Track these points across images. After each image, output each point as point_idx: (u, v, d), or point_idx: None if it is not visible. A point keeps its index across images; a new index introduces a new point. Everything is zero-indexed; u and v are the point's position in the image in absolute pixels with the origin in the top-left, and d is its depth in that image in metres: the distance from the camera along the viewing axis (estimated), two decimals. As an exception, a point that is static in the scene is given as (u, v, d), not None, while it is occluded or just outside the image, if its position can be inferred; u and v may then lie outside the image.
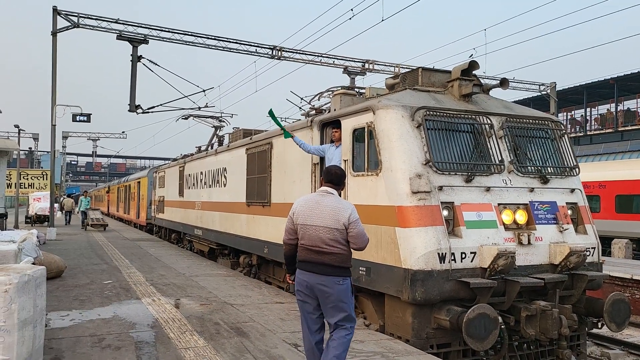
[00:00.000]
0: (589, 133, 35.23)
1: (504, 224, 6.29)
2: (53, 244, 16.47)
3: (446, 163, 6.28)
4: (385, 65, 24.34)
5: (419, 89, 7.15)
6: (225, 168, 12.80)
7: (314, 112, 9.05)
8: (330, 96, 8.78)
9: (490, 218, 6.22)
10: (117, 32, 19.01)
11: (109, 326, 6.25)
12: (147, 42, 19.29)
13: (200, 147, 17.68)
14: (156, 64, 18.90)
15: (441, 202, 6.01)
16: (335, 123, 7.60)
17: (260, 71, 22.45)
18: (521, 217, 6.44)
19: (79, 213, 27.21)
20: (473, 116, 6.72)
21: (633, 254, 16.17)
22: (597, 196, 17.88)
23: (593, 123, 35.92)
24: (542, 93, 28.85)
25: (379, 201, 6.33)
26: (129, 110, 19.20)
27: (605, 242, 15.93)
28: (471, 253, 5.94)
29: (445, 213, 6.01)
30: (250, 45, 21.63)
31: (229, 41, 21.34)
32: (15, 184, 29.24)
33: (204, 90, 19.89)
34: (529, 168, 6.87)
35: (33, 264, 6.02)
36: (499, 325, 5.51)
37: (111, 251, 15.16)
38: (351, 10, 18.32)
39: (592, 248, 6.84)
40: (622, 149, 30.82)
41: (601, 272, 6.89)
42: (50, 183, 22.63)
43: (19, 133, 31.13)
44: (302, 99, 11.04)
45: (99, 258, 13.32)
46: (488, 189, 6.36)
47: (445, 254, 5.79)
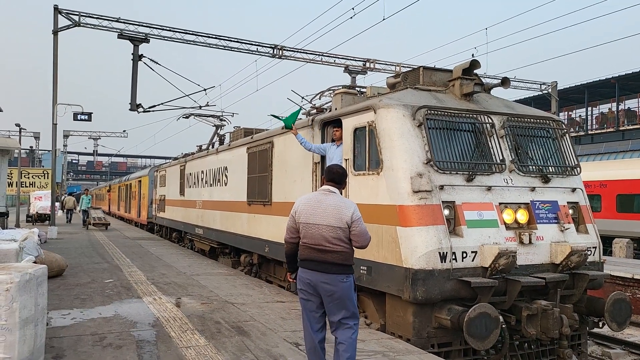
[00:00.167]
0: (590, 132, 35.20)
1: (505, 223, 6.28)
2: (54, 243, 16.49)
3: (447, 162, 6.27)
4: (386, 64, 24.32)
5: (420, 88, 7.14)
6: (226, 167, 12.80)
7: (315, 111, 9.05)
8: (331, 95, 8.78)
9: (491, 217, 6.22)
10: (118, 31, 19.01)
11: (110, 325, 6.26)
12: (148, 41, 19.28)
13: (201, 146, 17.69)
14: (157, 63, 18.89)
15: (442, 202, 6.01)
16: (336, 122, 7.60)
17: (261, 70, 22.40)
18: (522, 217, 6.43)
19: (80, 212, 27.24)
20: (474, 115, 6.72)
21: (634, 253, 16.16)
22: (598, 195, 17.86)
23: (593, 123, 35.84)
24: (544, 92, 28.81)
25: (380, 200, 6.33)
26: (130, 109, 19.19)
27: (606, 242, 15.90)
28: (472, 252, 5.93)
29: (446, 212, 6.01)
30: (251, 44, 21.63)
31: (230, 40, 21.33)
32: (16, 182, 29.28)
33: (205, 89, 19.89)
34: (530, 167, 6.86)
35: (34, 262, 6.03)
36: (500, 324, 5.51)
37: (112, 250, 15.17)
38: (352, 9, 18.31)
39: (593, 247, 6.84)
40: (623, 148, 30.79)
41: (602, 272, 6.89)
42: (51, 182, 22.65)
43: (20, 132, 31.17)
44: (303, 98, 11.03)
45: (100, 257, 13.33)
46: (489, 188, 6.36)
47: (447, 253, 5.78)
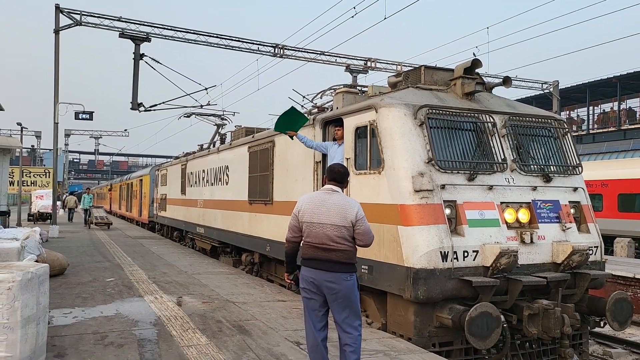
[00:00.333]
0: (591, 132, 35.15)
1: (506, 223, 6.28)
2: (55, 242, 16.51)
3: (449, 161, 6.27)
4: (387, 63, 24.31)
5: (421, 87, 7.13)
6: (227, 166, 12.80)
7: (316, 111, 9.05)
8: (333, 94, 8.78)
9: (492, 217, 6.21)
10: (120, 30, 19.01)
11: (111, 324, 6.27)
12: (150, 40, 19.29)
13: (202, 145, 17.69)
14: (158, 62, 18.90)
15: (444, 201, 6.01)
16: (337, 121, 7.60)
17: (262, 69, 22.42)
18: (524, 216, 6.42)
19: (82, 210, 27.24)
20: (476, 114, 6.71)
21: (635, 252, 16.14)
22: (600, 195, 17.84)
23: (594, 123, 35.77)
24: (545, 91, 28.79)
25: (382, 199, 6.32)
26: (131, 108, 19.20)
27: (608, 241, 15.89)
28: (473, 252, 5.93)
29: (447, 211, 6.00)
30: (253, 44, 21.63)
31: (232, 39, 21.34)
32: (17, 181, 29.32)
33: (206, 89, 19.89)
34: (532, 167, 6.85)
35: (36, 261, 6.03)
36: (501, 323, 5.51)
37: (113, 249, 15.19)
38: (354, 8, 18.31)
39: (595, 247, 6.83)
40: (625, 147, 30.73)
41: (604, 271, 6.89)
42: (52, 181, 22.68)
43: (21, 131, 31.23)
44: (304, 97, 11.03)
45: (101, 256, 13.34)
46: (491, 188, 6.35)
47: (448, 252, 5.78)
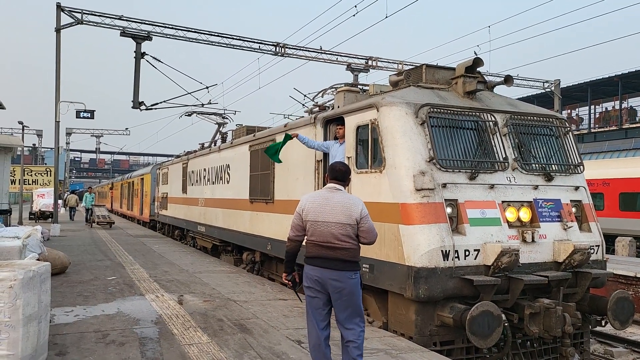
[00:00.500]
0: (593, 130, 35.11)
1: (507, 222, 6.27)
2: (57, 240, 16.53)
3: (450, 160, 6.26)
4: (388, 62, 24.30)
5: (422, 86, 7.13)
6: (228, 165, 12.81)
7: (317, 109, 9.05)
8: (334, 93, 8.78)
9: (494, 215, 6.21)
10: (121, 29, 19.02)
11: (113, 322, 6.27)
12: (151, 39, 19.29)
13: (203, 144, 17.70)
14: (160, 61, 18.91)
15: (445, 200, 6.00)
16: (339, 120, 7.59)
17: (263, 68, 22.42)
18: (525, 215, 6.42)
19: (83, 209, 27.24)
20: (477, 113, 6.70)
21: (637, 252, 16.13)
22: (601, 194, 17.82)
23: (594, 122, 35.69)
24: (546, 90, 28.76)
25: (383, 198, 6.32)
26: (133, 107, 19.22)
27: (609, 240, 15.88)
28: (475, 250, 5.93)
29: (449, 210, 6.00)
30: (254, 42, 21.63)
31: (233, 38, 21.33)
32: (19, 180, 29.38)
33: (207, 87, 19.90)
34: (533, 165, 6.85)
35: (37, 260, 6.04)
36: (502, 322, 5.51)
37: (115, 247, 15.20)
38: (355, 7, 18.30)
39: (596, 246, 6.82)
40: (626, 146, 30.71)
41: (605, 270, 6.88)
42: (54, 179, 22.70)
43: (23, 129, 31.26)
44: (306, 96, 11.04)
45: (102, 254, 13.36)
46: (492, 187, 6.35)
47: (449, 251, 5.78)
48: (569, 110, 37.88)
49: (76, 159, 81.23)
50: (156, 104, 19.80)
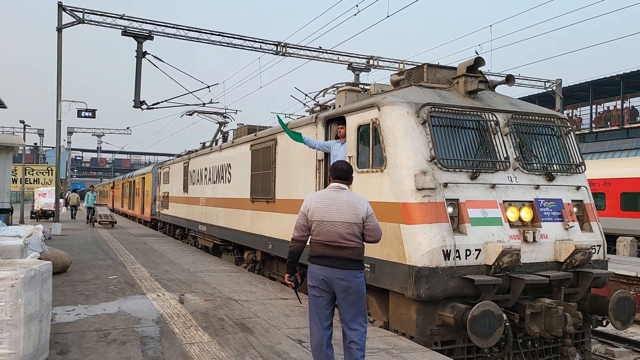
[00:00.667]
0: (594, 130, 35.07)
1: (509, 221, 6.27)
2: (58, 239, 16.55)
3: (451, 160, 6.26)
4: (390, 61, 24.28)
5: (424, 86, 7.12)
6: (229, 164, 12.81)
7: (318, 109, 9.05)
8: (335, 92, 8.78)
9: (495, 215, 6.20)
10: (122, 28, 19.03)
11: (114, 321, 6.28)
12: (152, 38, 19.30)
13: (204, 143, 17.70)
14: (161, 60, 18.92)
15: (446, 199, 6.00)
16: (340, 119, 7.59)
17: (264, 67, 22.41)
18: (526, 215, 6.41)
19: (85, 208, 27.25)
20: (478, 113, 6.70)
21: (638, 251, 16.11)
22: (603, 194, 17.81)
23: (594, 122, 35.61)
24: (548, 90, 28.73)
25: (384, 198, 6.32)
26: (134, 106, 19.23)
27: (611, 240, 15.88)
28: (476, 250, 5.93)
29: (450, 210, 5.99)
30: (255, 42, 21.63)
31: (234, 37, 21.33)
32: (20, 179, 29.41)
33: (208, 87, 19.91)
34: (535, 165, 6.84)
35: (39, 259, 6.05)
36: (503, 322, 5.51)
37: (116, 246, 15.22)
38: (356, 6, 18.29)
39: (598, 246, 6.82)
40: (628, 146, 30.68)
41: (606, 270, 6.87)
42: (55, 178, 22.72)
43: (24, 129, 31.26)
44: (307, 95, 11.04)
45: (104, 253, 13.37)
46: (493, 186, 6.34)
47: (450, 250, 5.78)
48: (570, 110, 37.83)
49: (77, 158, 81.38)
50: (157, 103, 19.81)
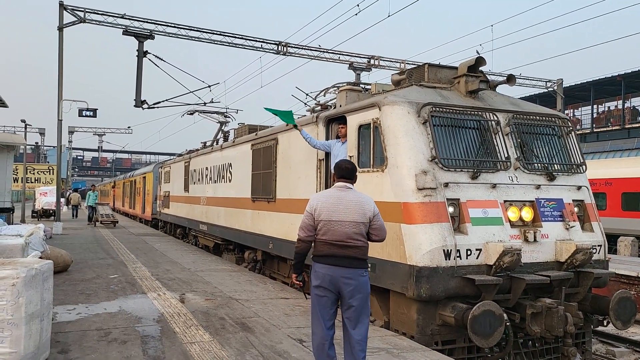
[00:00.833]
0: (595, 130, 35.04)
1: (509, 221, 6.27)
2: (59, 239, 16.57)
3: (452, 159, 6.25)
4: (390, 61, 24.27)
5: (425, 85, 7.12)
6: (230, 164, 12.81)
7: (319, 108, 9.04)
8: (336, 92, 8.77)
9: (496, 215, 6.20)
10: (123, 28, 19.04)
11: (115, 320, 6.29)
12: (153, 38, 19.31)
13: (205, 143, 17.69)
14: (162, 60, 18.91)
15: (447, 199, 6.00)
16: (340, 119, 7.59)
17: (265, 67, 22.51)
18: (527, 214, 6.41)
19: (87, 208, 27.27)
20: (479, 112, 6.70)
21: (639, 251, 16.09)
22: (604, 194, 17.79)
23: (593, 122, 35.56)
24: (549, 90, 28.70)
25: (385, 197, 6.32)
26: (135, 106, 19.23)
27: (611, 240, 15.86)
28: (477, 250, 5.93)
29: (450, 210, 5.99)
30: (256, 41, 21.63)
31: (235, 36, 21.34)
32: (21, 178, 29.43)
33: (209, 86, 19.91)
34: (536, 165, 6.84)
35: (40, 258, 6.05)
36: (504, 322, 5.50)
37: (117, 246, 15.23)
38: (357, 6, 18.28)
39: (599, 245, 6.81)
40: (629, 146, 30.66)
41: (607, 270, 6.87)
42: (56, 178, 22.75)
43: (25, 128, 31.26)
44: (308, 94, 11.02)
45: (104, 252, 13.38)
46: (494, 186, 6.34)
47: (451, 250, 5.78)
48: (572, 110, 37.80)
49: (78, 158, 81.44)
50: (158, 102, 19.81)
